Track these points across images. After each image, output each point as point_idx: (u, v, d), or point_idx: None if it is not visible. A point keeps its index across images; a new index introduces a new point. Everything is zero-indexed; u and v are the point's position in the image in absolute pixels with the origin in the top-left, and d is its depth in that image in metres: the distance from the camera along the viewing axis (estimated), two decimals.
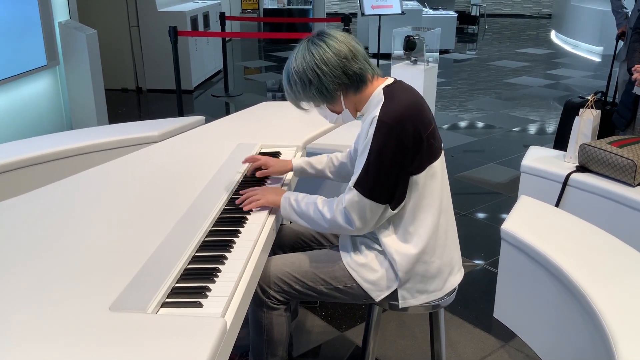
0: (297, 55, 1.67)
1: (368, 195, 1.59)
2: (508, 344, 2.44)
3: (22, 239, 1.52)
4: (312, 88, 1.65)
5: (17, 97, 4.38)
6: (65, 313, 1.19)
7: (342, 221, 1.64)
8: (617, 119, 3.11)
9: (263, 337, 1.81)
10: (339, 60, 1.62)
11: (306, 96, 1.68)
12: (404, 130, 1.56)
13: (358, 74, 1.65)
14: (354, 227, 1.63)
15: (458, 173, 4.39)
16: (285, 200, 1.76)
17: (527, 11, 15.26)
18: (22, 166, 2.58)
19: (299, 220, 1.74)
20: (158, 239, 1.51)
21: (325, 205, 1.68)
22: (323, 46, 1.63)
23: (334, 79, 1.63)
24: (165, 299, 1.27)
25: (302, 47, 1.67)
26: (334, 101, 1.69)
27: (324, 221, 1.68)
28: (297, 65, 1.65)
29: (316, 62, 1.62)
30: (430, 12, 10.04)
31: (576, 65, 8.83)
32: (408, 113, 1.58)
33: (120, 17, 6.77)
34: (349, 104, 1.70)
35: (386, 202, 1.61)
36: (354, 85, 1.66)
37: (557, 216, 2.50)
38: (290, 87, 1.69)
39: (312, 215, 1.70)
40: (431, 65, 4.86)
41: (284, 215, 1.77)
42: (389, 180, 1.58)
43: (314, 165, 2.01)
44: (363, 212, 1.61)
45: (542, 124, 5.72)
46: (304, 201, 1.73)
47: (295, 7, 11.05)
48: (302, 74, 1.64)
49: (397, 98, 1.61)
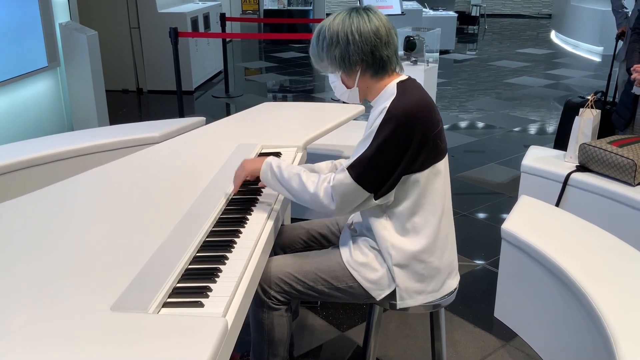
0: (337, 16, 1.67)
1: (357, 180, 1.59)
2: (509, 343, 2.45)
3: (23, 239, 1.53)
4: (337, 50, 1.65)
5: (17, 98, 4.39)
6: (67, 313, 1.19)
7: (324, 198, 1.64)
8: (617, 119, 3.11)
9: (264, 337, 1.82)
10: (373, 38, 1.63)
11: (327, 56, 1.68)
12: (411, 126, 1.56)
13: (384, 60, 1.66)
14: (334, 206, 1.63)
15: (458, 173, 4.40)
16: (266, 164, 1.76)
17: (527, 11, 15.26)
18: (23, 167, 2.59)
19: (279, 187, 1.73)
20: (159, 239, 1.51)
21: (309, 179, 1.68)
22: (365, 18, 1.64)
23: (360, 52, 1.64)
24: (166, 299, 1.28)
25: (344, 13, 1.68)
26: (350, 73, 1.69)
27: (306, 193, 1.67)
28: (333, 24, 1.66)
29: (352, 29, 1.63)
30: (430, 12, 10.05)
31: (576, 65, 8.83)
32: (417, 110, 1.58)
33: (120, 19, 6.78)
34: (362, 84, 1.70)
35: (372, 191, 1.61)
36: (375, 69, 1.67)
37: (558, 216, 2.50)
38: (317, 41, 1.70)
39: (295, 185, 1.69)
40: (431, 65, 4.87)
41: (263, 179, 1.76)
42: (382, 171, 1.59)
43: (318, 172, 1.93)
44: (347, 194, 1.61)
45: (542, 124, 5.72)
46: (286, 170, 1.73)
47: (296, 7, 11.06)
48: (334, 33, 1.65)
49: (409, 94, 1.62)
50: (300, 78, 7.93)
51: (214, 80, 7.75)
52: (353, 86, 1.71)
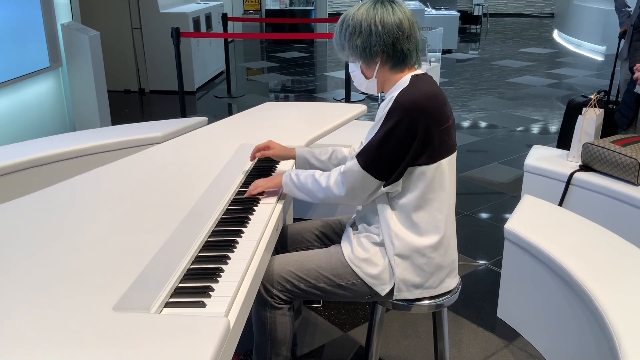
0: (362, 6, 1.68)
1: (365, 167, 1.63)
2: (512, 343, 2.44)
3: (25, 239, 1.52)
4: (359, 40, 1.66)
5: (20, 98, 4.40)
6: (69, 313, 1.19)
7: (335, 189, 1.70)
8: (619, 118, 3.11)
9: (266, 336, 1.81)
10: (396, 30, 1.64)
11: (349, 45, 1.70)
12: (417, 116, 1.58)
13: (405, 53, 1.67)
14: (345, 193, 1.68)
15: (461, 173, 4.39)
16: (286, 176, 1.82)
17: (529, 10, 15.24)
18: (25, 168, 2.59)
19: (298, 193, 1.80)
20: (161, 239, 1.51)
21: (322, 176, 1.75)
22: (389, 10, 1.65)
23: (382, 43, 1.65)
24: (168, 299, 1.27)
25: (369, 3, 1.68)
26: (370, 64, 1.70)
27: (320, 190, 1.73)
28: (357, 14, 1.67)
29: (376, 19, 1.64)
30: (433, 12, 10.04)
31: (579, 64, 8.81)
32: (425, 102, 1.59)
33: (122, 19, 6.79)
34: (381, 75, 1.72)
35: (380, 179, 1.64)
36: (395, 61, 1.68)
37: (561, 215, 2.49)
38: (340, 29, 1.71)
39: (310, 186, 1.76)
40: (434, 65, 4.87)
41: (286, 191, 1.82)
42: (388, 159, 1.61)
43: (317, 156, 2.01)
44: (356, 181, 1.65)
45: (545, 123, 5.71)
46: (303, 174, 1.79)
47: (297, 7, 11.06)
48: (357, 22, 1.66)
49: (419, 86, 1.63)
50: (302, 78, 7.93)
51: (216, 81, 7.75)
52: (372, 77, 1.72)
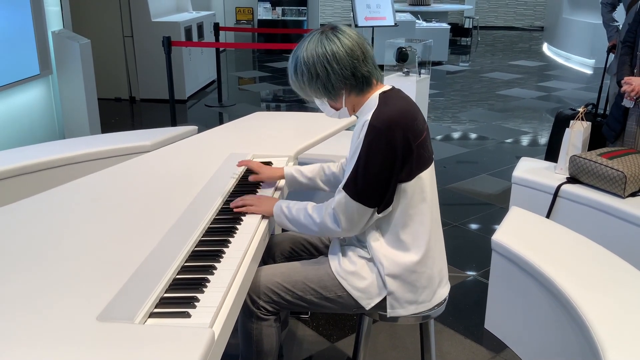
0: (308, 45, 1.64)
1: (356, 198, 1.61)
2: (499, 355, 2.44)
3: (10, 247, 1.51)
4: (319, 82, 1.65)
5: (9, 105, 4.37)
6: (52, 323, 1.18)
7: (330, 223, 1.66)
8: (607, 131, 3.13)
9: (252, 347, 1.81)
10: (350, 61, 1.62)
11: (310, 88, 1.68)
12: (394, 135, 1.57)
13: (366, 77, 1.66)
14: (341, 228, 1.65)
15: (450, 184, 4.41)
16: (277, 207, 1.78)
17: (519, 24, 15.38)
18: (14, 175, 2.57)
19: (290, 226, 1.76)
20: (148, 248, 1.50)
21: (314, 210, 1.71)
22: (337, 42, 1.62)
23: (342, 78, 1.63)
24: (153, 309, 1.27)
25: (314, 39, 1.65)
26: (336, 98, 1.69)
27: (314, 225, 1.70)
28: (307, 56, 1.64)
29: (327, 58, 1.61)
30: (424, 24, 10.10)
31: (568, 77, 8.89)
32: (399, 119, 1.59)
33: (114, 27, 6.78)
34: (349, 103, 1.71)
35: (374, 206, 1.63)
36: (359, 87, 1.67)
37: (548, 227, 2.51)
38: (295, 76, 1.68)
39: (303, 220, 1.72)
40: (423, 76, 4.89)
41: (277, 222, 1.79)
42: (377, 184, 1.60)
43: (305, 174, 2.01)
44: (351, 214, 1.63)
45: (534, 135, 5.75)
46: (294, 207, 1.75)
47: (290, 18, 11.10)
48: (312, 66, 1.63)
49: (390, 104, 1.63)
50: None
51: (207, 90, 7.75)
52: (341, 107, 1.72)
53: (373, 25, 6.21)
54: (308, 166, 2.03)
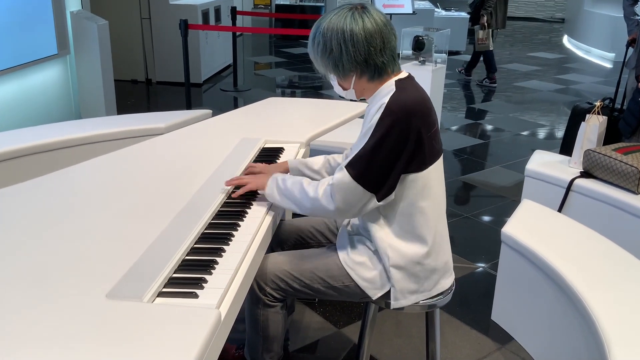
0: (332, 17, 1.62)
1: (356, 179, 1.57)
2: (504, 346, 2.45)
3: (22, 225, 1.54)
4: (331, 58, 1.62)
5: (27, 85, 4.42)
6: (63, 299, 1.21)
7: (324, 200, 1.61)
8: (623, 126, 3.10)
9: (259, 333, 1.82)
10: (366, 47, 1.59)
11: (322, 61, 1.65)
12: (409, 123, 1.55)
13: (379, 67, 1.62)
14: (335, 207, 1.60)
15: (463, 175, 4.39)
16: (272, 180, 1.75)
17: (540, 15, 15.18)
18: (27, 154, 2.61)
19: (283, 200, 1.71)
20: (158, 229, 1.52)
21: (310, 185, 1.67)
22: (359, 24, 1.58)
23: (354, 61, 1.61)
24: (161, 289, 1.29)
25: (341, 13, 1.61)
26: (345, 78, 1.66)
27: (307, 200, 1.65)
28: (327, 29, 1.61)
29: (345, 36, 1.58)
30: (442, 12, 10.01)
31: (587, 70, 8.78)
32: (416, 108, 1.57)
33: (132, 9, 6.80)
34: (358, 86, 1.68)
35: (373, 191, 1.58)
36: (370, 74, 1.64)
37: (559, 221, 2.50)
38: (312, 44, 1.66)
39: (297, 194, 1.67)
40: (439, 66, 4.86)
41: (269, 194, 1.74)
42: (381, 169, 1.56)
43: (310, 166, 1.98)
44: (348, 194, 1.58)
45: (551, 128, 5.70)
46: (290, 180, 1.71)
47: (308, 3, 11.04)
48: (328, 40, 1.60)
49: (408, 91, 1.60)
50: (310, 74, 7.93)
51: (223, 74, 7.76)
52: (349, 88, 1.70)
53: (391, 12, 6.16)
54: (313, 158, 2.01)
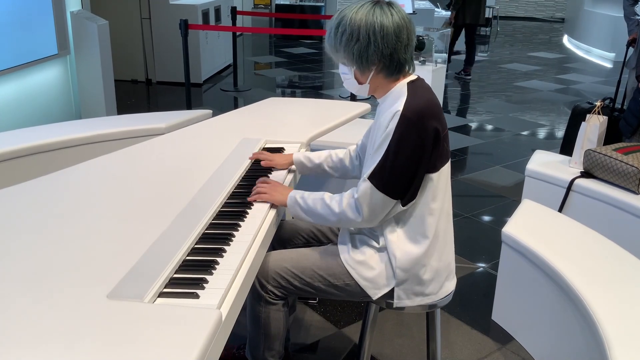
0: (359, 9, 1.59)
1: (382, 189, 1.58)
2: (505, 346, 2.45)
3: (22, 226, 1.54)
4: (355, 48, 1.60)
5: (27, 85, 4.42)
6: (63, 299, 1.21)
7: (351, 213, 1.64)
8: (624, 126, 3.10)
9: (260, 331, 1.83)
10: (395, 40, 1.58)
11: (345, 51, 1.63)
12: (425, 127, 1.56)
13: (401, 63, 1.62)
14: (363, 218, 1.63)
15: (464, 175, 4.39)
16: (291, 199, 1.75)
17: (540, 14, 15.18)
18: (28, 154, 2.60)
19: (306, 217, 1.74)
20: (159, 229, 1.52)
21: (333, 200, 1.68)
22: (389, 17, 1.57)
23: (380, 54, 1.59)
24: (162, 289, 1.29)
25: (367, 5, 1.60)
26: (365, 71, 1.65)
27: (333, 215, 1.67)
28: (355, 18, 1.58)
29: (375, 28, 1.56)
30: (443, 12, 10.00)
31: (587, 70, 8.78)
32: (429, 111, 1.57)
33: (132, 9, 6.80)
34: (374, 82, 1.67)
35: (398, 198, 1.61)
36: (390, 70, 1.63)
37: (559, 221, 2.50)
38: (335, 34, 1.63)
39: (320, 210, 1.69)
40: (439, 66, 4.86)
41: (292, 212, 1.77)
42: (404, 175, 1.58)
43: (312, 159, 2.03)
44: (374, 204, 1.60)
45: (551, 128, 5.70)
46: (310, 198, 1.72)
47: (308, 3, 11.04)
48: (356, 29, 1.58)
49: (420, 95, 1.60)
50: (310, 74, 7.93)
51: (223, 74, 7.76)
52: (365, 82, 1.68)
53: None
54: (316, 152, 2.04)
